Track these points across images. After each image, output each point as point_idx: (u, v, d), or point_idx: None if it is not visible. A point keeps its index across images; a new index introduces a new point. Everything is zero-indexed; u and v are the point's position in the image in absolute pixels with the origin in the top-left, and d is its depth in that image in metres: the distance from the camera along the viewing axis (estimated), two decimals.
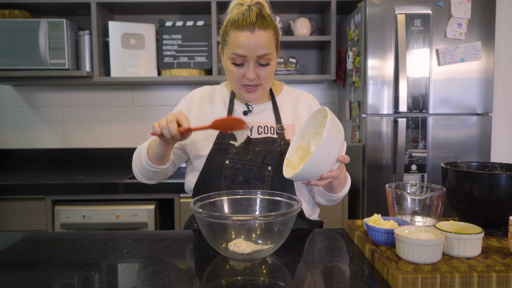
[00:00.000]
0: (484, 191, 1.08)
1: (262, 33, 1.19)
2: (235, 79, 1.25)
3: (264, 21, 1.20)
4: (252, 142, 1.29)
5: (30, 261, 1.03)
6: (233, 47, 1.20)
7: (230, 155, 1.27)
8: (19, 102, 2.95)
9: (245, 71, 1.23)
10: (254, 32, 1.18)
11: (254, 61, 1.21)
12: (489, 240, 1.06)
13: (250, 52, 1.19)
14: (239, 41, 1.18)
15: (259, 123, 1.34)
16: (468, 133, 2.27)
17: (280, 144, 1.29)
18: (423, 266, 0.87)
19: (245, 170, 1.27)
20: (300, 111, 1.38)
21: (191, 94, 1.41)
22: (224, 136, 1.29)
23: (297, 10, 2.85)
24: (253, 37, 1.18)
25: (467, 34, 2.21)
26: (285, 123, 1.35)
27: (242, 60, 1.21)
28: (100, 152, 2.97)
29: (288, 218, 0.97)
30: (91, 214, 2.26)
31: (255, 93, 1.28)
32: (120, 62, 2.60)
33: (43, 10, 2.73)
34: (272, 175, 1.27)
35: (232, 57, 1.21)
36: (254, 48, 1.19)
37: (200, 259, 1.03)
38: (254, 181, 1.27)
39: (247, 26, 1.18)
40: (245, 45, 1.18)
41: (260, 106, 1.36)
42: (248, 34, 1.18)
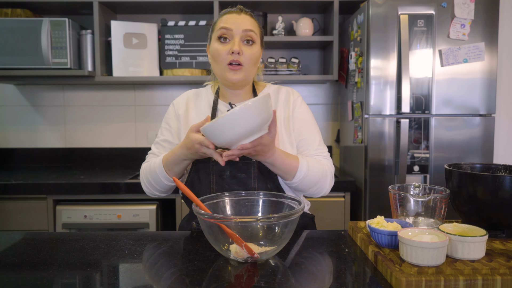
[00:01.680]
0: (488, 193, 1.07)
1: (247, 16, 1.32)
2: (221, 57, 1.29)
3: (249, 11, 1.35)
4: None
5: (32, 262, 1.03)
6: (220, 23, 1.29)
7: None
8: (21, 101, 2.95)
9: (231, 46, 1.28)
10: (241, 14, 1.31)
11: (239, 37, 1.28)
12: (493, 242, 1.06)
13: (236, 25, 1.28)
14: (226, 18, 1.30)
15: None
16: (471, 134, 2.26)
17: None
18: (427, 268, 0.86)
19: (231, 165, 1.28)
20: (279, 105, 1.40)
21: (177, 99, 1.46)
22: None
23: (300, 10, 2.85)
24: (239, 16, 1.30)
25: (470, 35, 2.20)
26: None
27: (228, 35, 1.28)
28: (102, 151, 2.97)
29: (291, 219, 0.97)
30: (93, 214, 2.26)
31: (238, 73, 1.30)
32: (122, 62, 2.60)
33: (46, 9, 2.73)
34: (257, 167, 1.29)
35: (218, 33, 1.29)
36: (240, 23, 1.28)
37: (202, 260, 1.03)
38: (240, 175, 1.29)
39: (235, 10, 1.32)
40: (231, 20, 1.29)
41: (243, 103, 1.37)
42: (235, 14, 1.31)
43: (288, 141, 1.36)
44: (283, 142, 1.35)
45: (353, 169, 2.54)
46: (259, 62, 1.38)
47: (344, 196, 2.37)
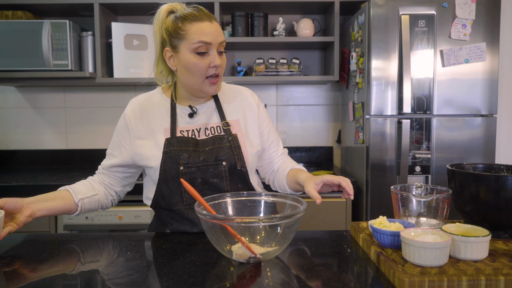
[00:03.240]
0: (491, 193, 1.07)
1: (216, 23, 1.27)
2: (200, 72, 1.24)
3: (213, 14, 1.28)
4: (201, 143, 1.30)
5: (33, 263, 1.03)
6: (196, 36, 1.22)
7: (183, 160, 1.26)
8: (22, 103, 2.95)
9: (210, 59, 1.24)
10: (212, 22, 1.25)
11: (216, 49, 1.25)
12: (495, 242, 1.05)
13: (214, 38, 1.23)
14: (202, 30, 1.22)
15: (205, 124, 1.35)
16: (472, 135, 2.26)
17: (228, 139, 1.31)
18: (430, 269, 0.86)
19: (201, 171, 1.27)
20: (243, 107, 1.40)
21: (128, 109, 1.38)
22: (172, 143, 1.28)
23: (300, 11, 2.85)
24: (213, 26, 1.24)
25: (471, 35, 2.20)
26: (230, 120, 1.37)
27: (206, 49, 1.23)
28: (103, 153, 2.92)
29: (293, 220, 0.97)
30: (94, 215, 2.26)
31: (217, 84, 1.29)
32: (123, 63, 2.60)
33: (46, 11, 2.73)
34: (228, 170, 1.29)
35: (196, 46, 1.22)
36: (216, 35, 1.24)
37: (204, 261, 1.02)
38: (212, 180, 1.28)
39: (205, 17, 1.24)
40: (208, 32, 1.22)
41: (203, 106, 1.36)
42: (208, 23, 1.24)
43: (256, 143, 1.38)
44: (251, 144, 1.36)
45: (354, 169, 2.54)
46: None
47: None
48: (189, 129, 1.33)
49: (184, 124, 1.34)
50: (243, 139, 1.35)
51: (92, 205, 1.33)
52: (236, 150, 1.30)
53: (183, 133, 1.32)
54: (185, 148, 1.27)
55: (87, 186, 1.35)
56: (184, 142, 1.28)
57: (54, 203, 1.24)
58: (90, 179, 1.39)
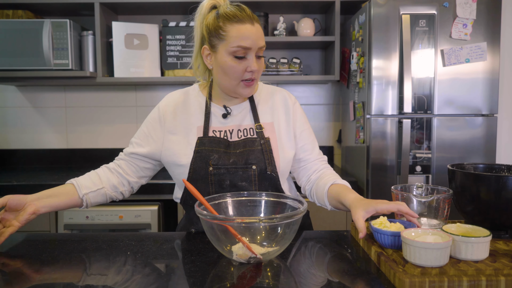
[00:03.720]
0: (492, 193, 1.07)
1: (258, 26, 1.23)
2: (236, 75, 1.23)
3: (255, 15, 1.24)
4: (232, 145, 1.28)
5: (34, 263, 1.03)
6: (236, 40, 1.19)
7: (213, 160, 1.25)
8: (22, 103, 2.95)
9: (247, 64, 1.22)
10: (254, 24, 1.21)
11: (254, 53, 1.22)
12: (496, 243, 1.05)
13: (254, 43, 1.20)
14: (243, 33, 1.19)
15: (238, 126, 1.32)
16: (473, 134, 2.25)
17: (260, 143, 1.28)
18: (430, 269, 0.86)
19: (230, 173, 1.25)
20: (278, 109, 1.36)
21: (164, 103, 1.37)
22: (204, 142, 1.27)
23: (301, 11, 2.84)
24: (254, 29, 1.21)
25: (472, 35, 2.20)
26: (264, 122, 1.33)
27: (244, 53, 1.21)
28: (103, 152, 2.97)
29: (294, 220, 0.96)
30: (94, 215, 2.26)
31: (252, 88, 1.27)
32: (123, 63, 2.60)
33: (47, 11, 2.73)
34: (257, 174, 1.26)
35: (234, 50, 1.20)
36: (256, 39, 1.20)
37: (204, 261, 1.02)
38: (241, 183, 1.26)
39: (247, 19, 1.20)
40: (249, 37, 1.19)
41: (238, 107, 1.34)
42: (250, 26, 1.20)
43: (289, 147, 1.34)
44: (283, 148, 1.32)
45: (355, 169, 2.53)
46: None
47: None
48: (221, 130, 1.31)
49: (217, 124, 1.32)
50: (275, 143, 1.31)
51: (98, 198, 1.32)
52: (268, 154, 1.27)
53: (215, 133, 1.30)
54: (216, 149, 1.26)
55: (94, 179, 1.32)
56: (216, 143, 1.26)
57: (58, 199, 1.23)
58: (100, 170, 1.36)
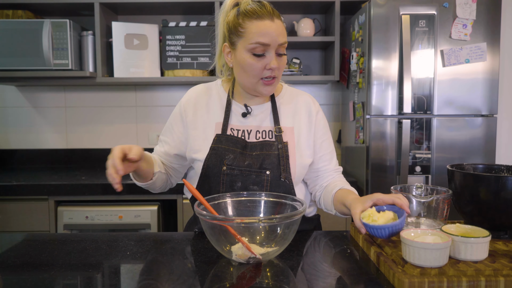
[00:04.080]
0: (491, 194, 1.07)
1: (279, 22, 1.20)
2: (255, 72, 1.20)
3: (277, 12, 1.21)
4: (249, 146, 1.26)
5: (33, 263, 1.03)
6: (254, 36, 1.17)
7: (228, 160, 1.23)
8: (22, 103, 2.95)
9: (266, 61, 1.19)
10: (274, 20, 1.18)
11: (274, 50, 1.19)
12: (495, 243, 1.05)
13: (273, 40, 1.17)
14: (261, 30, 1.17)
15: (257, 127, 1.30)
16: (473, 135, 2.26)
17: (278, 147, 1.26)
18: (430, 269, 0.86)
19: (243, 176, 1.24)
20: (300, 113, 1.34)
21: (185, 98, 1.36)
22: (221, 140, 1.26)
23: (301, 11, 2.84)
24: (274, 25, 1.18)
25: (472, 35, 2.20)
26: (284, 126, 1.30)
27: (263, 50, 1.18)
28: (103, 152, 2.97)
29: (293, 220, 0.96)
30: (94, 215, 2.26)
31: (272, 86, 1.25)
32: (123, 63, 2.60)
33: (47, 11, 2.73)
34: (270, 180, 1.24)
35: (253, 47, 1.17)
36: (276, 36, 1.18)
37: (204, 261, 1.02)
38: (252, 187, 1.24)
39: (266, 15, 1.18)
40: (268, 33, 1.17)
41: (259, 107, 1.32)
42: (269, 22, 1.17)
43: (307, 154, 1.31)
44: (301, 155, 1.29)
45: (355, 169, 2.53)
46: None
47: None
48: (240, 129, 1.29)
49: (237, 122, 1.30)
50: (293, 149, 1.28)
51: (159, 183, 1.32)
52: (284, 160, 1.24)
53: (233, 131, 1.28)
54: (232, 149, 1.24)
55: (159, 162, 1.33)
56: (233, 142, 1.25)
57: (148, 165, 1.23)
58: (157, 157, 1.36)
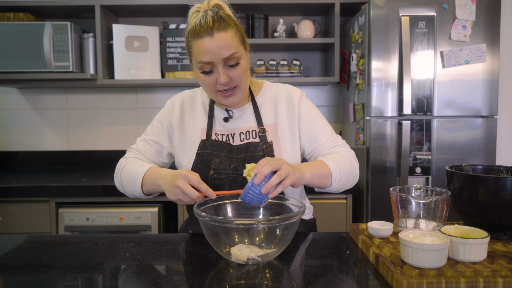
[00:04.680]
0: (490, 195, 1.07)
1: (222, 35, 1.16)
2: (208, 87, 1.23)
3: (222, 22, 1.17)
4: (234, 149, 1.27)
5: (34, 264, 1.03)
6: (197, 56, 1.18)
7: (214, 165, 1.25)
8: (23, 105, 2.96)
9: (216, 76, 1.19)
10: (214, 35, 1.15)
11: (222, 65, 1.18)
12: (494, 244, 1.05)
13: (215, 56, 1.16)
14: (201, 49, 1.16)
15: (241, 129, 1.32)
16: (473, 136, 2.26)
17: (263, 148, 1.27)
18: (428, 270, 0.86)
19: (230, 179, 1.24)
20: (280, 108, 1.33)
21: (172, 100, 1.40)
22: (206, 145, 1.27)
23: (301, 13, 2.85)
24: (213, 41, 1.15)
25: (471, 36, 2.20)
26: (267, 124, 1.31)
27: (210, 67, 1.18)
28: (104, 154, 2.98)
29: (292, 222, 0.97)
30: (95, 216, 2.26)
31: (234, 97, 1.24)
32: (124, 65, 2.61)
33: (48, 13, 2.74)
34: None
35: (199, 66, 1.19)
36: (217, 51, 1.16)
37: (203, 263, 1.03)
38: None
39: (205, 32, 1.15)
40: (207, 51, 1.15)
41: (240, 110, 1.33)
42: (208, 39, 1.15)
43: (291, 145, 1.31)
44: (285, 146, 1.30)
45: None
46: (248, 69, 1.27)
47: (346, 198, 2.37)
48: (224, 133, 1.31)
49: (220, 127, 1.32)
50: (278, 147, 1.29)
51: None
52: None
53: (218, 136, 1.30)
54: (218, 153, 1.26)
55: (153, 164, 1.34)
56: (218, 147, 1.26)
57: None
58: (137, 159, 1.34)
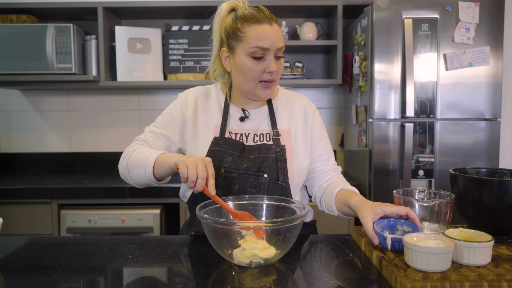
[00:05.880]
0: (494, 198, 1.06)
1: (277, 26, 1.22)
2: (254, 75, 1.22)
3: (274, 16, 1.23)
4: (247, 149, 1.27)
5: (36, 266, 1.03)
6: (254, 40, 1.19)
7: (226, 163, 1.24)
8: (26, 106, 2.96)
9: (266, 64, 1.21)
10: (272, 24, 1.21)
11: (273, 54, 1.21)
12: (499, 248, 1.05)
13: (272, 44, 1.19)
14: (260, 34, 1.19)
15: (255, 130, 1.31)
16: (476, 138, 2.25)
17: (276, 150, 1.26)
18: (432, 274, 0.86)
19: (241, 179, 1.24)
20: (296, 116, 1.36)
21: (185, 94, 1.38)
22: (219, 143, 1.26)
23: (304, 15, 2.85)
24: (272, 29, 1.20)
25: (475, 39, 2.19)
26: (281, 129, 1.32)
27: (263, 53, 1.20)
28: (106, 156, 2.98)
29: (295, 224, 0.96)
30: (97, 218, 2.26)
31: (270, 89, 1.26)
32: (126, 67, 2.61)
33: (50, 15, 2.75)
34: (268, 183, 1.24)
35: (252, 51, 1.19)
36: (274, 40, 1.20)
37: (205, 265, 1.02)
38: (250, 190, 1.24)
39: (265, 19, 1.20)
40: (267, 37, 1.19)
41: (257, 111, 1.34)
42: (268, 26, 1.20)
43: (304, 156, 1.31)
44: (297, 154, 1.30)
45: (357, 173, 2.53)
46: None
47: None
48: (238, 132, 1.31)
49: (234, 126, 1.32)
50: (290, 152, 1.29)
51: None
52: (281, 163, 1.25)
53: (232, 135, 1.30)
54: (230, 151, 1.25)
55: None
56: (231, 145, 1.26)
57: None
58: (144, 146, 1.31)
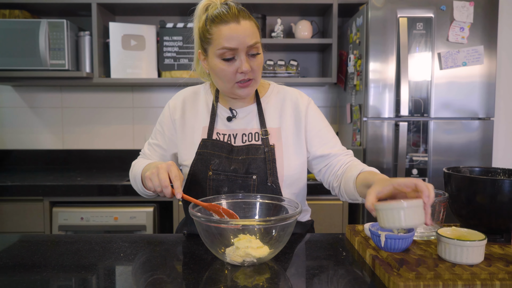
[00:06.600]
0: (487, 197, 1.06)
1: (247, 23, 1.16)
2: (227, 77, 1.19)
3: (246, 12, 1.18)
4: (235, 150, 1.25)
5: (26, 264, 1.02)
6: (220, 42, 1.15)
7: (213, 165, 1.22)
8: (18, 103, 2.93)
9: (237, 65, 1.17)
10: (240, 22, 1.15)
11: (244, 53, 1.16)
12: (491, 247, 1.05)
13: (240, 43, 1.14)
14: (226, 34, 1.14)
15: (243, 130, 1.29)
16: (469, 138, 2.26)
17: (264, 151, 1.24)
18: (425, 273, 0.85)
19: (230, 181, 1.22)
20: (286, 112, 1.31)
21: (173, 99, 1.37)
22: (207, 145, 1.25)
23: (299, 13, 2.84)
24: (240, 28, 1.14)
25: (469, 38, 2.20)
26: (270, 127, 1.28)
27: (232, 54, 1.16)
28: (99, 153, 2.96)
29: (288, 223, 0.96)
30: (90, 216, 2.25)
31: (249, 88, 1.22)
32: (120, 63, 2.59)
33: (44, 11, 2.72)
34: (257, 184, 1.22)
35: (221, 52, 1.16)
36: (243, 38, 1.14)
37: (198, 263, 1.02)
38: (239, 192, 1.23)
39: (231, 18, 1.14)
40: (233, 36, 1.14)
41: (245, 109, 1.31)
42: (235, 25, 1.14)
43: (294, 151, 1.28)
44: (288, 152, 1.27)
45: None
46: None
47: None
48: (226, 133, 1.28)
49: (222, 126, 1.29)
50: (281, 151, 1.25)
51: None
52: (270, 164, 1.22)
53: (219, 136, 1.27)
54: (218, 153, 1.23)
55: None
56: (219, 147, 1.24)
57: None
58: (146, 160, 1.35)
